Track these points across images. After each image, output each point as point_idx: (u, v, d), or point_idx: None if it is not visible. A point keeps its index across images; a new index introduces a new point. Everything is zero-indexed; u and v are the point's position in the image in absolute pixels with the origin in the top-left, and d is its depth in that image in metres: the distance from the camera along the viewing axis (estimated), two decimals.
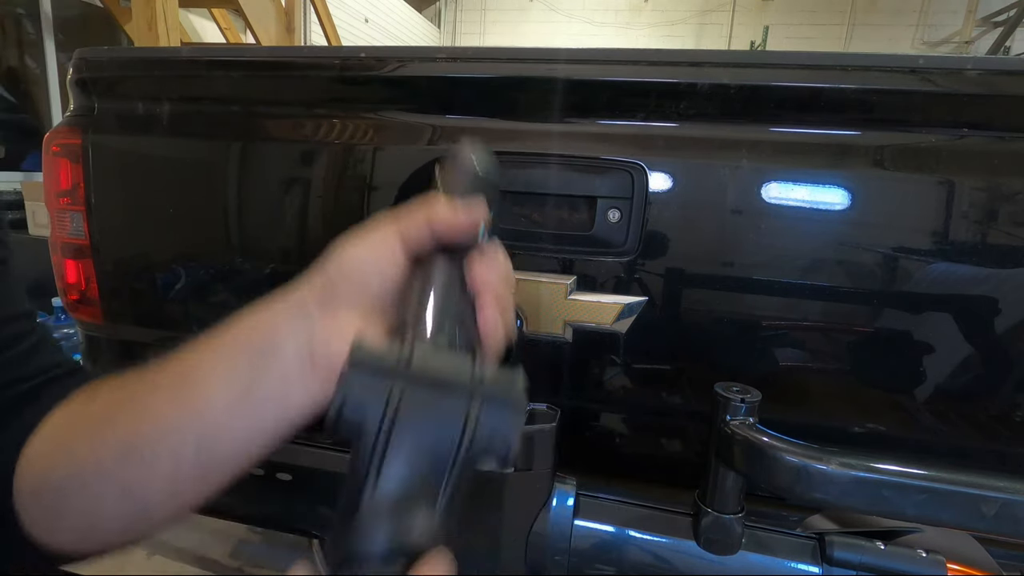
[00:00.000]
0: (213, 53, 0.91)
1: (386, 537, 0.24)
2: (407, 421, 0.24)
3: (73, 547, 0.41)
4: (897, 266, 0.66)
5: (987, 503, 0.50)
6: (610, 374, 0.76)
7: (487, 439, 0.25)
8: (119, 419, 0.38)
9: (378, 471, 0.24)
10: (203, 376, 0.37)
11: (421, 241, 0.36)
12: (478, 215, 0.37)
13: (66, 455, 0.39)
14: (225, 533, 1.35)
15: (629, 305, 0.71)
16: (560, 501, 0.67)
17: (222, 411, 0.36)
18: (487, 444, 0.25)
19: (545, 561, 0.67)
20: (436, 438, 0.25)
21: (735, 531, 0.62)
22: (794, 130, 0.69)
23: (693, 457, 0.79)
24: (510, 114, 0.76)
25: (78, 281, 0.93)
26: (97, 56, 0.89)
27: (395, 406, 0.24)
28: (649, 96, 0.72)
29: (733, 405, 0.60)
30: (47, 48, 3.96)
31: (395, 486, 0.24)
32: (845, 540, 0.62)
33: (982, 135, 0.65)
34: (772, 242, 0.68)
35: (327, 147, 0.80)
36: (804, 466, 0.54)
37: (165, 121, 0.87)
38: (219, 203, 0.86)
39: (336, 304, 0.36)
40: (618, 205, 0.71)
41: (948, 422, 0.69)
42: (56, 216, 0.92)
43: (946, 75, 0.65)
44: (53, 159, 0.90)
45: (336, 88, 0.81)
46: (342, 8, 6.54)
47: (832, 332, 0.70)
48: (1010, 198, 0.64)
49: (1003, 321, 0.65)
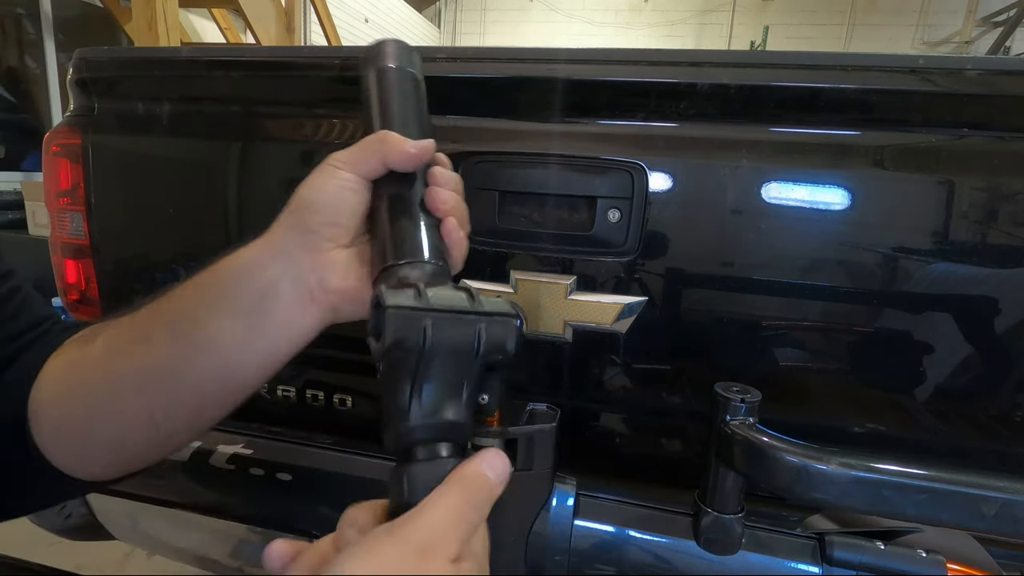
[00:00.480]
0: (213, 53, 0.91)
1: (434, 425, 0.33)
2: (438, 341, 0.33)
3: (102, 472, 0.44)
4: (897, 266, 0.66)
5: (987, 503, 0.50)
6: (610, 374, 0.76)
7: (493, 344, 0.34)
8: (132, 354, 0.41)
9: (422, 378, 0.33)
10: (201, 320, 0.40)
11: (375, 171, 0.41)
12: (428, 147, 0.41)
13: (85, 392, 0.41)
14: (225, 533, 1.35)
15: (629, 305, 0.71)
16: (560, 501, 0.67)
17: (232, 348, 0.40)
18: (493, 347, 0.35)
19: (545, 561, 0.67)
20: (458, 350, 0.34)
21: (735, 531, 0.62)
22: (794, 130, 0.69)
23: (693, 457, 0.79)
24: (510, 114, 0.76)
25: (78, 281, 0.93)
26: (97, 56, 0.89)
27: (429, 333, 0.33)
28: (649, 96, 0.72)
29: (733, 405, 0.60)
30: (47, 48, 3.96)
31: (434, 387, 0.33)
32: (845, 540, 0.62)
33: (982, 135, 0.65)
34: (772, 242, 0.68)
35: (327, 147, 0.80)
36: (804, 466, 0.54)
37: (165, 121, 0.87)
38: (219, 203, 0.86)
39: (316, 242, 0.41)
40: (618, 205, 0.71)
41: (948, 422, 0.69)
42: (56, 216, 0.92)
43: (946, 75, 0.65)
44: (53, 159, 0.90)
45: (336, 88, 0.81)
46: (342, 8, 6.55)
47: (832, 332, 0.70)
48: (1010, 198, 0.64)
49: (1003, 321, 0.65)
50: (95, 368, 0.41)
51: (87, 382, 0.41)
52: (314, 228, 0.41)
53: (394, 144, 0.41)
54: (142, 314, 0.42)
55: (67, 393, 0.42)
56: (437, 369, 0.33)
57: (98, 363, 0.41)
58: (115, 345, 0.42)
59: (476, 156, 0.74)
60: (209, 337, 0.39)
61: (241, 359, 0.40)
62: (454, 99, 0.78)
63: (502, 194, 0.74)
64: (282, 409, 0.90)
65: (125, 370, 0.40)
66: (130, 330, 0.42)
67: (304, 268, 0.40)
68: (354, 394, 0.87)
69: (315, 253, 0.41)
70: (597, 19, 9.70)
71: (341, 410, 0.87)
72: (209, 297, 0.40)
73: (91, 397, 0.41)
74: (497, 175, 0.74)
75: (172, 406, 0.40)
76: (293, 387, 0.88)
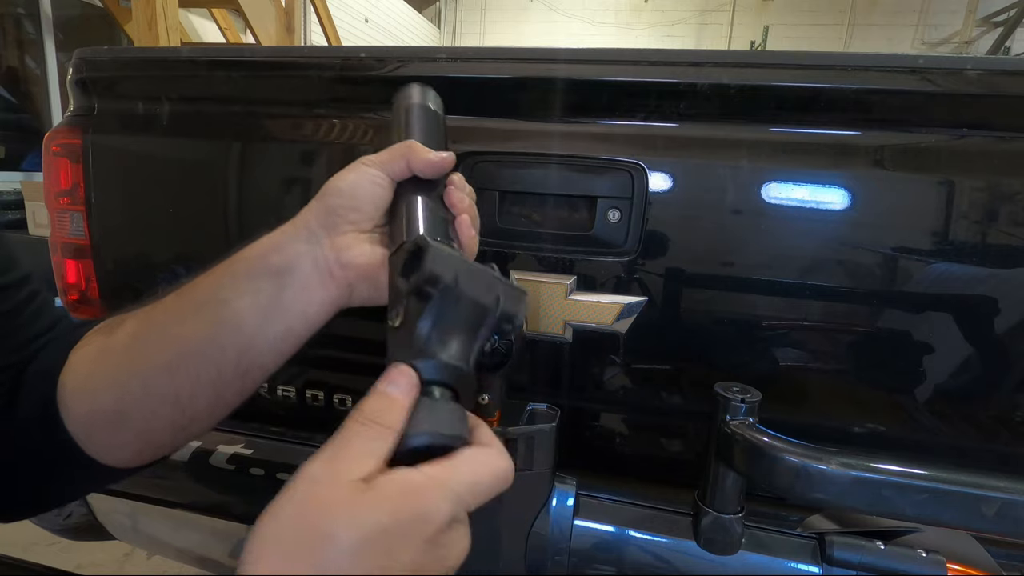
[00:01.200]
0: (213, 53, 0.91)
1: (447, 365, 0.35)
2: (465, 287, 0.37)
3: (132, 459, 0.46)
4: (897, 266, 0.66)
5: (987, 503, 0.50)
6: (610, 374, 0.76)
7: (508, 309, 0.39)
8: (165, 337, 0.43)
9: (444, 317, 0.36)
10: (227, 298, 0.42)
11: (400, 172, 0.46)
12: (450, 159, 0.47)
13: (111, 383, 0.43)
14: (225, 533, 1.35)
15: (629, 305, 0.71)
16: (560, 501, 0.67)
17: (254, 326, 0.42)
18: (506, 313, 0.38)
19: (545, 561, 0.67)
20: (479, 303, 0.37)
21: (735, 531, 0.62)
22: (794, 130, 0.69)
23: (693, 457, 0.79)
24: (510, 114, 0.76)
25: (78, 281, 0.93)
26: (97, 56, 0.89)
27: (461, 277, 0.37)
28: (649, 96, 0.72)
29: (733, 405, 0.60)
30: (47, 48, 3.96)
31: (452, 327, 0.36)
32: (845, 540, 0.62)
33: (982, 135, 0.65)
34: (772, 242, 0.68)
35: (327, 147, 0.81)
36: (804, 466, 0.54)
37: (165, 121, 0.87)
38: (219, 203, 0.86)
39: (337, 224, 0.45)
40: (618, 205, 0.71)
41: (948, 422, 0.69)
42: (56, 216, 0.92)
43: (946, 75, 0.65)
44: (53, 159, 0.90)
45: (336, 88, 0.81)
46: (342, 8, 6.55)
47: (832, 332, 0.70)
48: (1010, 198, 0.64)
49: (1003, 321, 0.65)
50: (125, 354, 0.43)
51: (117, 368, 0.43)
52: (338, 211, 0.45)
53: (418, 151, 0.46)
54: (170, 299, 0.44)
55: (98, 379, 0.43)
56: (459, 313, 0.37)
57: (128, 350, 0.43)
58: (146, 330, 0.44)
59: (476, 156, 0.74)
60: (235, 314, 0.42)
61: (262, 335, 0.43)
62: (454, 99, 0.77)
63: (502, 194, 0.74)
64: (282, 409, 0.90)
65: (158, 353, 0.42)
66: (163, 314, 0.44)
67: (324, 246, 0.44)
68: (354, 394, 0.87)
69: (335, 233, 0.44)
70: (597, 19, 9.70)
71: (341, 410, 0.87)
72: (237, 275, 0.43)
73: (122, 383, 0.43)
74: (497, 175, 0.74)
75: (198, 385, 0.42)
76: (293, 387, 0.88)
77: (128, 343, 0.44)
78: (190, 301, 0.44)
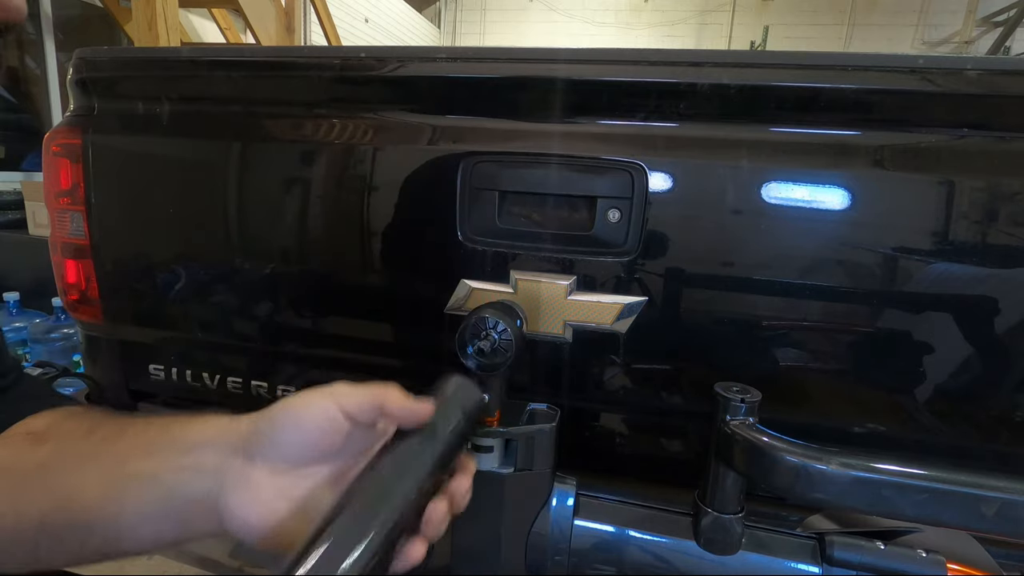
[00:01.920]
0: (213, 53, 0.91)
1: None
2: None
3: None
4: (897, 266, 0.66)
5: (987, 503, 0.50)
6: (610, 374, 0.76)
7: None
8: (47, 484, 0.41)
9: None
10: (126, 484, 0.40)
11: (365, 415, 0.41)
12: (428, 409, 0.42)
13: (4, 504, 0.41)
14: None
15: (629, 305, 0.71)
16: (560, 501, 0.67)
17: (134, 523, 0.40)
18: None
19: (545, 561, 0.67)
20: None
21: (735, 531, 0.62)
22: (794, 130, 0.69)
23: (693, 457, 0.79)
24: (510, 114, 0.76)
25: (78, 281, 0.93)
26: (97, 56, 0.89)
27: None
28: (649, 96, 0.72)
29: (733, 405, 0.60)
30: (47, 48, 3.95)
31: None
32: (845, 540, 0.62)
33: (982, 135, 0.65)
34: (772, 242, 0.68)
35: (327, 147, 0.80)
36: (804, 466, 0.54)
37: (165, 121, 0.87)
38: (219, 203, 0.86)
39: (260, 454, 0.40)
40: (618, 205, 0.71)
41: (948, 422, 0.69)
42: (56, 216, 0.92)
43: (946, 75, 0.65)
44: (53, 159, 0.90)
45: (336, 88, 0.81)
46: (342, 8, 6.54)
47: (832, 332, 0.70)
48: (1010, 198, 0.64)
49: (1003, 321, 0.64)
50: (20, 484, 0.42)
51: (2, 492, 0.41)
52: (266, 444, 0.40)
53: (395, 395, 0.42)
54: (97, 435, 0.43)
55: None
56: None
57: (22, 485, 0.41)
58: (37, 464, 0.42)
59: (476, 156, 0.74)
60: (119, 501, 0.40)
61: (133, 534, 0.40)
62: (454, 99, 0.78)
63: (502, 194, 0.74)
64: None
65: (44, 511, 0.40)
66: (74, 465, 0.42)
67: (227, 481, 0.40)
68: None
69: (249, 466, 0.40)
70: (597, 19, 9.69)
71: None
72: (136, 461, 0.41)
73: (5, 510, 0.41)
74: (497, 175, 0.74)
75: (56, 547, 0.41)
76: (293, 387, 0.88)
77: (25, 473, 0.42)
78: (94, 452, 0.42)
